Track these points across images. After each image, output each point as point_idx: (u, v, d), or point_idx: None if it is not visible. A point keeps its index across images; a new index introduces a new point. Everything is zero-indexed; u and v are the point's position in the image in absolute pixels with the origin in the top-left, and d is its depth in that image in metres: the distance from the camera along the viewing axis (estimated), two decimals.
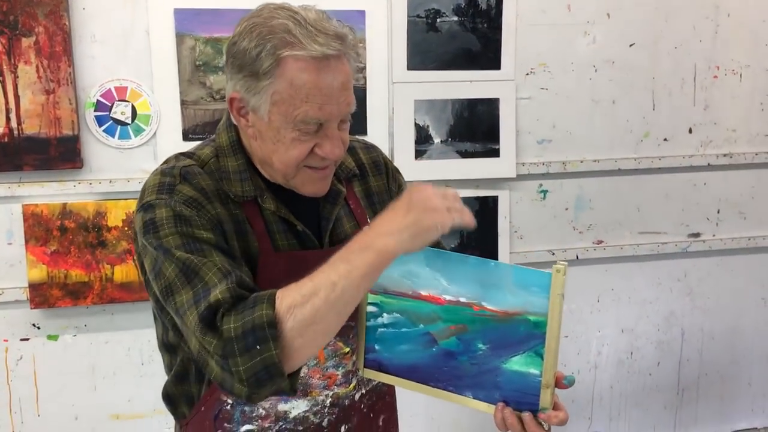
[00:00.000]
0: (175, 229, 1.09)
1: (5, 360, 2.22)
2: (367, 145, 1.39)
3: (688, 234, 2.69)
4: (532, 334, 1.07)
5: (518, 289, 1.06)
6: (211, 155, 1.20)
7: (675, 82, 2.57)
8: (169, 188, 1.13)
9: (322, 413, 1.26)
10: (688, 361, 2.80)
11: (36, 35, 2.06)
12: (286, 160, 1.14)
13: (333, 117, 1.12)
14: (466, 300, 1.10)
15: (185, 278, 1.06)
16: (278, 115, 1.11)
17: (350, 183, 1.31)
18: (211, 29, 2.19)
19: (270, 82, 1.10)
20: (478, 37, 2.38)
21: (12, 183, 2.13)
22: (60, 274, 2.16)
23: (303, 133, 1.12)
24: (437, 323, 1.13)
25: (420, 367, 1.17)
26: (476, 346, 1.11)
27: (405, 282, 1.14)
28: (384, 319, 1.18)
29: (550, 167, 2.50)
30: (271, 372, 1.00)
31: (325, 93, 1.09)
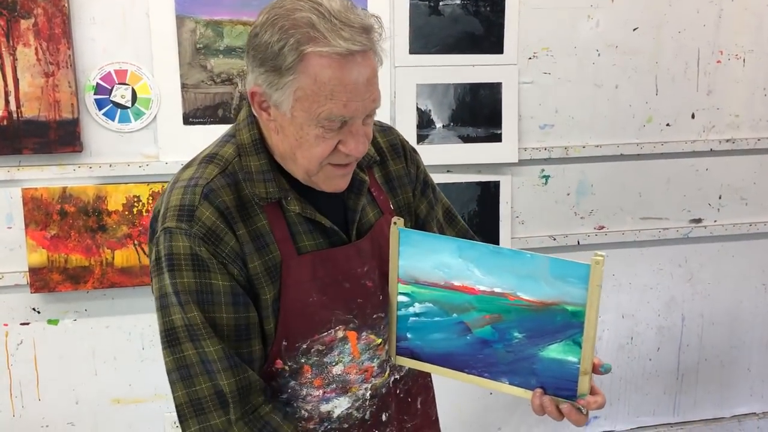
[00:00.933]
0: (192, 273, 1.09)
1: (5, 344, 2.22)
2: (383, 127, 1.36)
3: (690, 220, 2.69)
4: (569, 323, 1.07)
5: (555, 279, 1.06)
6: (234, 155, 1.17)
7: (678, 67, 2.56)
8: (189, 214, 1.10)
9: (364, 407, 1.25)
10: (688, 347, 2.80)
11: (35, 17, 2.04)
12: (309, 157, 1.12)
13: (358, 114, 1.09)
14: (501, 290, 1.09)
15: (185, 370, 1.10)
16: (302, 111, 1.08)
17: (371, 170, 1.29)
18: (211, 12, 2.17)
19: (293, 78, 1.06)
20: (480, 20, 2.36)
21: (11, 167, 2.11)
22: (60, 259, 2.15)
23: (327, 130, 1.09)
24: (471, 312, 1.12)
25: (454, 355, 1.17)
26: (512, 335, 1.11)
27: (437, 273, 1.13)
28: (416, 308, 1.17)
29: (552, 152, 2.49)
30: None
31: (350, 90, 1.06)
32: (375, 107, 1.12)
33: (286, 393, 1.20)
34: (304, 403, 1.20)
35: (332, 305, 1.18)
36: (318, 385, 1.20)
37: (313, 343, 1.18)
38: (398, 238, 1.14)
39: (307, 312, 1.17)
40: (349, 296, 1.20)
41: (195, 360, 1.10)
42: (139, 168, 2.18)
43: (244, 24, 2.19)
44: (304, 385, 1.19)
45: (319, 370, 1.19)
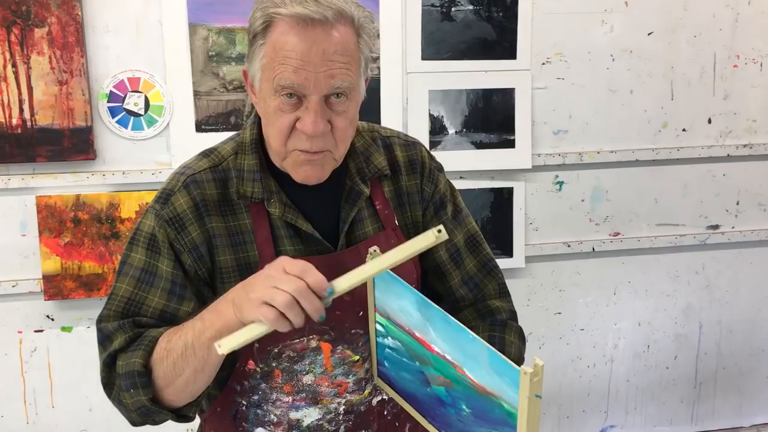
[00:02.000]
0: (143, 255, 1.15)
1: (20, 351, 2.22)
2: (408, 142, 1.31)
3: (707, 226, 2.66)
4: (506, 422, 0.95)
5: (492, 371, 0.94)
6: (231, 152, 1.19)
7: (694, 72, 2.53)
8: (166, 198, 1.16)
9: (337, 421, 1.23)
10: (706, 355, 2.77)
11: (49, 26, 2.05)
12: (273, 134, 1.11)
13: (310, 85, 1.06)
14: (451, 359, 1.02)
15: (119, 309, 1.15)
16: (265, 81, 1.08)
17: (379, 183, 1.25)
18: (223, 19, 2.17)
19: (261, 44, 1.08)
20: (493, 26, 2.35)
21: (26, 174, 2.12)
22: (74, 266, 2.16)
23: (284, 102, 1.07)
24: (429, 368, 1.07)
25: (419, 399, 1.14)
26: (461, 406, 1.03)
27: (402, 317, 1.09)
28: (389, 341, 1.14)
29: (566, 158, 2.47)
30: (148, 408, 1.09)
31: (302, 57, 1.04)
32: (334, 86, 1.06)
33: (257, 395, 1.19)
34: (273, 407, 1.20)
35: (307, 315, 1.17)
36: (288, 392, 1.19)
37: (285, 348, 1.16)
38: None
39: None
40: (327, 308, 1.17)
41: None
42: (152, 175, 2.18)
43: None
44: (274, 390, 1.19)
45: (289, 376, 1.18)
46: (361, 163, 1.23)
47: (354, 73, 1.09)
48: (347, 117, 1.11)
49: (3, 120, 2.07)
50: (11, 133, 2.07)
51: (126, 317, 1.14)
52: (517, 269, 2.50)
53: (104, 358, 1.12)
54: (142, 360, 1.08)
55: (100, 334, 1.14)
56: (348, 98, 1.10)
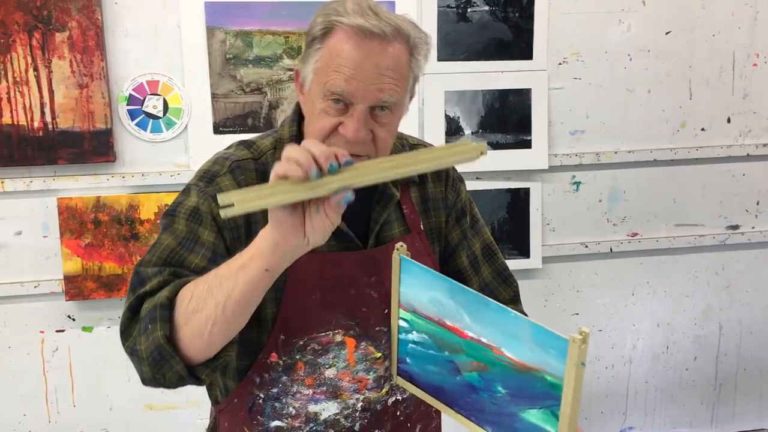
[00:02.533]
0: (185, 222, 1.13)
1: (41, 351, 2.26)
2: None
3: (727, 226, 2.63)
4: (548, 394, 0.99)
5: (536, 346, 0.98)
6: (270, 147, 1.22)
7: (713, 71, 2.51)
8: (211, 178, 1.16)
9: (354, 417, 1.24)
10: (726, 356, 2.74)
11: (69, 30, 2.08)
12: (312, 133, 1.14)
13: (359, 95, 1.09)
14: (487, 342, 1.04)
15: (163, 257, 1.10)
16: (315, 84, 1.12)
17: (407, 188, 1.30)
18: (241, 22, 2.19)
19: (317, 48, 1.12)
20: (509, 26, 2.35)
21: (47, 177, 2.16)
22: (94, 267, 2.19)
23: (330, 106, 1.11)
24: (460, 355, 1.09)
25: (446, 391, 1.14)
26: (496, 388, 1.06)
27: (432, 308, 1.10)
28: (414, 336, 1.15)
29: (583, 158, 2.46)
30: (162, 353, 1.00)
31: (356, 67, 1.08)
32: (382, 99, 1.10)
33: (276, 387, 1.21)
34: (293, 400, 1.21)
35: (334, 308, 1.19)
36: (309, 384, 1.20)
37: (310, 341, 1.19)
38: (399, 265, 1.12)
39: (308, 309, 1.18)
40: (353, 303, 1.20)
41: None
42: (171, 177, 2.20)
43: (273, 34, 2.21)
44: (295, 382, 1.20)
45: (312, 369, 1.20)
46: None
47: (401, 89, 1.13)
48: (389, 129, 1.15)
49: (25, 123, 2.10)
50: (33, 136, 2.11)
51: (169, 265, 1.09)
52: (534, 270, 2.49)
53: (131, 301, 1.06)
54: (168, 294, 1.02)
55: (136, 277, 1.09)
56: (392, 112, 1.14)
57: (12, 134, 2.10)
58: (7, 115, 2.09)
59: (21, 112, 2.09)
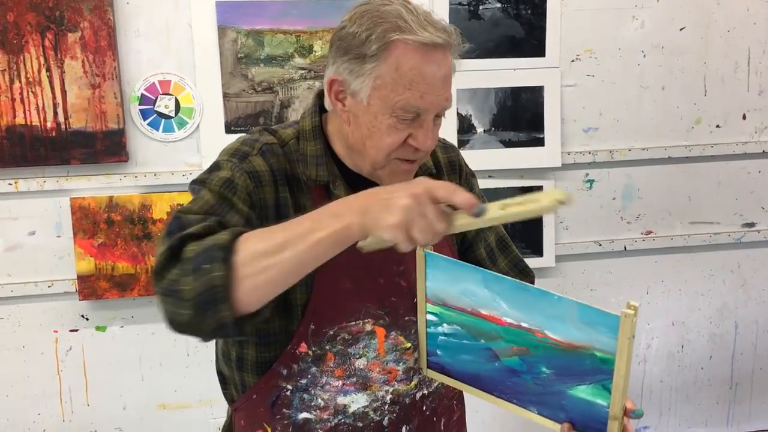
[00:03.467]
0: (218, 191, 1.09)
1: (55, 350, 2.27)
2: (446, 144, 1.38)
3: (742, 224, 2.61)
4: (598, 369, 1.02)
5: (584, 325, 1.01)
6: (292, 136, 1.22)
7: (728, 67, 2.49)
8: (244, 156, 1.15)
9: (383, 410, 1.24)
10: (742, 355, 2.72)
11: (81, 30, 2.09)
12: (378, 147, 1.14)
13: (432, 108, 1.11)
14: (528, 326, 1.05)
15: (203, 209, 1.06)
16: (378, 99, 1.11)
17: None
18: (252, 21, 2.19)
19: (375, 65, 1.10)
20: (521, 23, 2.33)
21: (60, 177, 2.17)
22: (107, 266, 2.20)
23: (400, 120, 1.11)
24: (498, 341, 1.09)
25: (483, 377, 1.14)
26: (540, 369, 1.07)
27: (464, 299, 1.10)
28: (444, 328, 1.15)
29: (596, 156, 2.45)
30: (215, 295, 0.94)
31: (429, 82, 1.09)
32: (447, 107, 1.14)
33: (305, 378, 1.20)
34: (322, 392, 1.20)
35: (364, 297, 1.19)
36: (338, 376, 1.20)
37: (340, 330, 1.18)
38: (424, 261, 1.12)
39: (337, 298, 1.18)
40: (383, 292, 1.21)
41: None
42: (183, 177, 2.21)
43: (284, 33, 2.21)
44: (324, 373, 1.20)
45: (342, 359, 1.19)
46: None
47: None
48: (439, 127, 1.17)
49: (38, 123, 2.11)
50: (46, 136, 2.12)
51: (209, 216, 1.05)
52: (548, 268, 2.47)
53: (171, 242, 0.98)
54: (228, 236, 0.96)
55: (175, 222, 1.03)
56: (444, 115, 1.17)
57: (25, 134, 2.11)
58: (20, 115, 2.10)
59: (34, 112, 2.10)
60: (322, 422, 1.22)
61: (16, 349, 2.25)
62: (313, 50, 2.22)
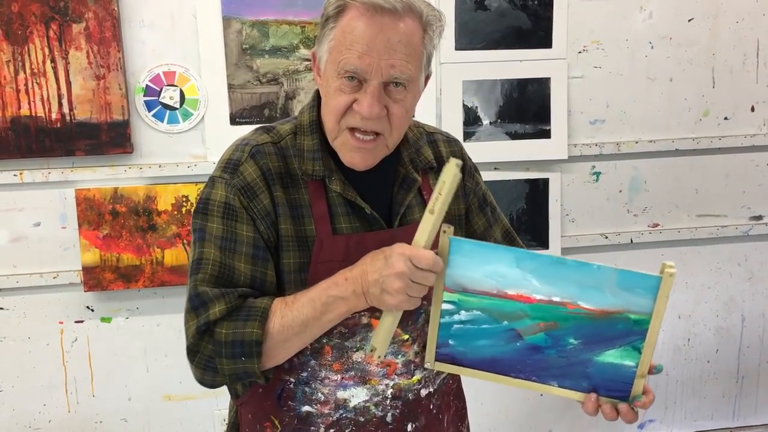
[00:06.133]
0: (221, 220, 1.17)
1: (61, 342, 2.27)
2: (449, 138, 1.39)
3: (750, 217, 2.59)
4: (631, 331, 1.10)
5: (621, 290, 1.08)
6: (289, 132, 1.24)
7: (736, 58, 2.46)
8: (234, 167, 1.18)
9: (384, 405, 1.23)
10: (749, 348, 2.70)
11: (86, 21, 2.08)
12: (328, 112, 1.16)
13: (371, 71, 1.11)
14: (560, 299, 1.10)
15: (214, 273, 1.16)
16: (330, 63, 1.14)
17: (427, 174, 1.31)
18: (257, 12, 2.18)
19: (331, 27, 1.14)
20: (528, 14, 2.32)
21: (65, 168, 2.16)
22: (112, 258, 2.20)
23: (344, 83, 1.13)
24: (524, 320, 1.12)
25: (500, 360, 1.16)
26: (567, 341, 1.13)
27: (489, 281, 1.12)
28: (461, 316, 1.15)
29: (603, 148, 2.43)
30: (250, 374, 1.14)
31: (367, 43, 1.10)
32: (394, 75, 1.12)
33: (306, 371, 1.21)
34: (321, 386, 1.21)
35: None
36: (337, 369, 1.21)
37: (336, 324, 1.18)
38: (448, 247, 1.11)
39: None
40: None
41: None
42: (188, 168, 2.20)
43: (289, 24, 2.20)
44: (323, 367, 1.21)
45: (339, 353, 1.20)
46: (413, 154, 1.29)
47: (414, 66, 1.14)
48: (403, 106, 1.16)
49: (43, 114, 2.11)
50: (51, 128, 2.11)
51: (221, 281, 1.14)
52: None
53: (199, 325, 1.12)
54: (260, 330, 1.11)
55: (198, 299, 1.13)
56: (406, 89, 1.15)
57: (30, 126, 2.10)
58: (25, 106, 2.10)
59: (39, 103, 2.10)
60: (323, 416, 1.22)
61: (22, 340, 2.25)
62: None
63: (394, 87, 1.13)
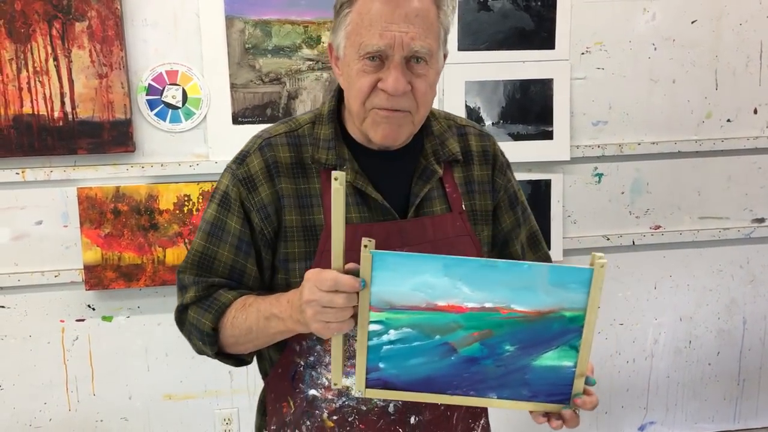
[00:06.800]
0: (215, 211, 1.24)
1: (62, 340, 2.27)
2: (482, 133, 1.36)
3: (752, 219, 2.59)
4: (566, 329, 1.07)
5: (554, 287, 1.05)
6: (308, 121, 1.26)
7: (739, 60, 2.46)
8: (242, 158, 1.23)
9: None
10: (750, 351, 2.70)
11: (89, 20, 2.08)
12: (353, 96, 1.16)
13: (394, 46, 1.11)
14: (492, 305, 1.05)
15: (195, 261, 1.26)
16: (350, 48, 1.14)
17: (450, 167, 1.29)
18: (260, 12, 2.18)
19: (346, 13, 1.14)
20: (531, 15, 2.31)
21: (67, 166, 2.16)
22: (114, 257, 2.19)
23: (367, 64, 1.13)
24: (457, 332, 1.07)
25: (436, 378, 1.11)
26: (503, 349, 1.09)
27: (417, 295, 1.07)
28: (390, 335, 1.09)
29: (605, 150, 2.43)
30: (211, 357, 1.25)
31: (386, 19, 1.10)
32: (415, 49, 1.12)
33: (312, 356, 1.23)
34: (326, 371, 1.22)
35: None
36: None
37: None
38: (371, 263, 1.04)
39: None
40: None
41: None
42: (190, 167, 2.20)
43: (292, 23, 2.19)
44: (327, 352, 1.21)
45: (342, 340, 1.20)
46: (436, 146, 1.27)
47: (433, 41, 1.15)
48: (427, 81, 1.15)
49: (45, 113, 2.11)
50: (53, 126, 2.11)
51: (201, 269, 1.23)
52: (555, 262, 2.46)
53: (178, 305, 1.24)
54: (211, 323, 1.19)
55: (178, 282, 1.26)
56: (428, 64, 1.15)
57: (32, 124, 2.10)
58: (27, 104, 2.10)
59: (41, 101, 2.10)
60: (327, 402, 1.24)
61: (23, 339, 2.25)
62: (320, 41, 2.21)
63: (415, 63, 1.13)
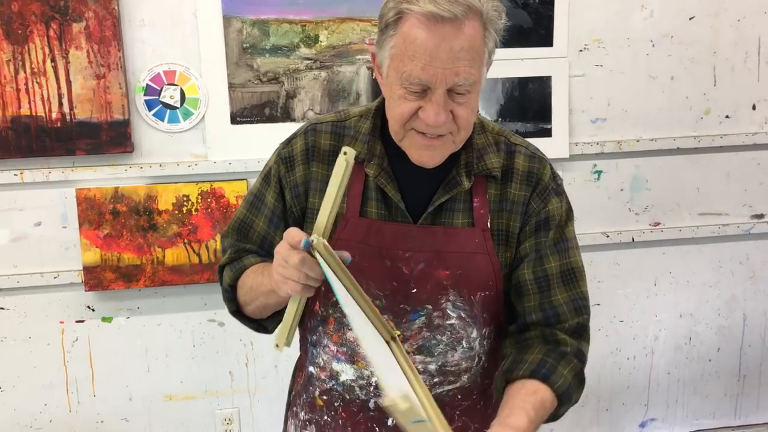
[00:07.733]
0: (259, 184, 1.34)
1: (62, 341, 2.27)
2: (534, 155, 1.28)
3: (751, 215, 2.59)
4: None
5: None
6: (357, 114, 1.30)
7: (738, 57, 2.46)
8: (289, 140, 1.31)
9: (368, 391, 1.24)
10: (750, 347, 2.70)
11: (86, 20, 2.08)
12: (393, 117, 1.17)
13: (436, 81, 1.09)
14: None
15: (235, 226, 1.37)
16: (393, 70, 1.14)
17: (485, 182, 1.25)
18: (257, 11, 2.17)
19: (391, 35, 1.12)
20: (529, 13, 2.31)
21: (66, 167, 2.16)
22: (113, 257, 2.19)
23: (408, 92, 1.12)
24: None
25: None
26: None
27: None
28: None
29: (604, 147, 2.43)
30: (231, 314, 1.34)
31: (430, 54, 1.08)
32: (459, 82, 1.10)
33: (315, 335, 1.30)
34: (323, 352, 1.29)
35: (368, 274, 1.21)
36: (335, 341, 1.26)
37: None
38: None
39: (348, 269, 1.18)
40: (387, 275, 1.22)
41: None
42: (188, 168, 2.20)
43: (290, 23, 2.19)
44: (326, 335, 1.27)
45: (338, 326, 1.25)
46: (472, 158, 1.24)
47: (477, 68, 1.12)
48: (468, 107, 1.14)
49: (43, 114, 2.10)
50: (51, 127, 2.11)
51: (239, 234, 1.34)
52: None
53: (218, 265, 1.37)
54: (230, 281, 1.30)
55: (221, 244, 1.39)
56: (470, 91, 1.13)
57: (30, 125, 2.10)
58: (25, 106, 2.09)
59: (39, 103, 2.10)
60: (320, 381, 1.29)
61: (23, 340, 2.25)
62: (318, 40, 2.20)
63: (457, 93, 1.11)
